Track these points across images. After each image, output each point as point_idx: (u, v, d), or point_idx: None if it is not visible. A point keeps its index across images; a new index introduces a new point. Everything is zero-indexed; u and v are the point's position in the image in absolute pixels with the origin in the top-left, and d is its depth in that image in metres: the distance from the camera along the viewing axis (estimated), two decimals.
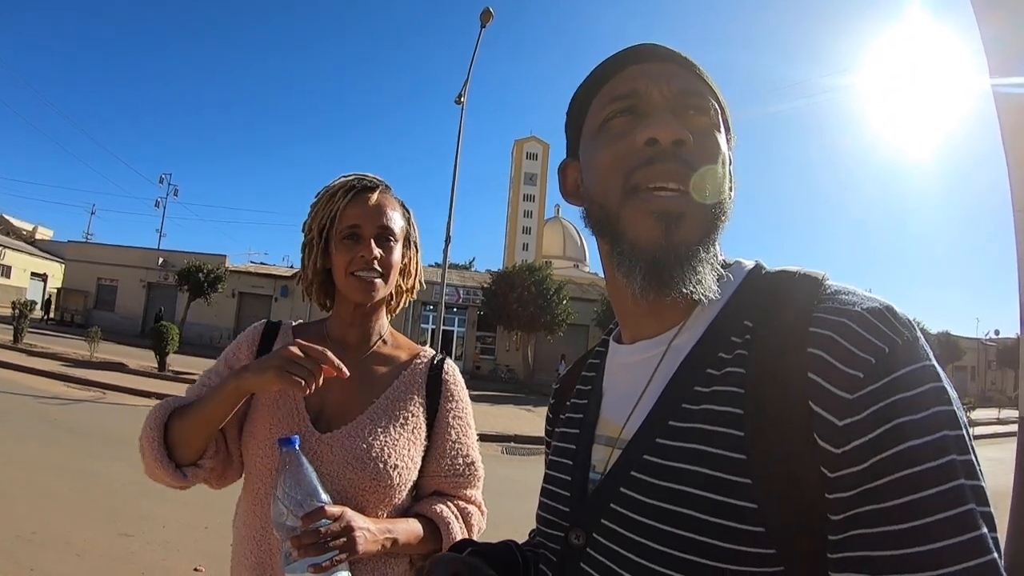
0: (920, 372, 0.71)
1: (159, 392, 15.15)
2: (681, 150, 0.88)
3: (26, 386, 13.99)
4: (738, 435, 0.78)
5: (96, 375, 16.63)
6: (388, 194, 1.73)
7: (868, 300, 0.77)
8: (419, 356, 1.79)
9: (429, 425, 1.69)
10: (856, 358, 0.72)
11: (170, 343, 19.48)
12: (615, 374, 1.04)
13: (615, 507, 0.87)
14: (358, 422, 1.60)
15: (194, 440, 1.54)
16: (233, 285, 36.67)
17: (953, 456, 0.67)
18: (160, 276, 39.15)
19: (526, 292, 32.73)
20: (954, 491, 0.66)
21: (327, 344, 1.59)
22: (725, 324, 0.89)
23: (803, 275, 0.87)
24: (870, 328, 0.73)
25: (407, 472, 1.60)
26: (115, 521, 6.10)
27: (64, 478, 7.38)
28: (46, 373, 16.25)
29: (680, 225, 0.86)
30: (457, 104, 20.28)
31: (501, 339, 39.38)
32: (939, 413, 0.69)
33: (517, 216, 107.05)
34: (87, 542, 5.48)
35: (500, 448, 13.38)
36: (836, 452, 0.71)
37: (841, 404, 0.71)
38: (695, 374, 0.87)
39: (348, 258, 1.61)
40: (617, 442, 0.94)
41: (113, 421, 11.68)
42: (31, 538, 5.36)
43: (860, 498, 0.69)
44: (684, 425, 0.84)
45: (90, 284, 40.49)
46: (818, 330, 0.76)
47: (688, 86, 0.94)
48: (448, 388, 1.75)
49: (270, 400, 1.62)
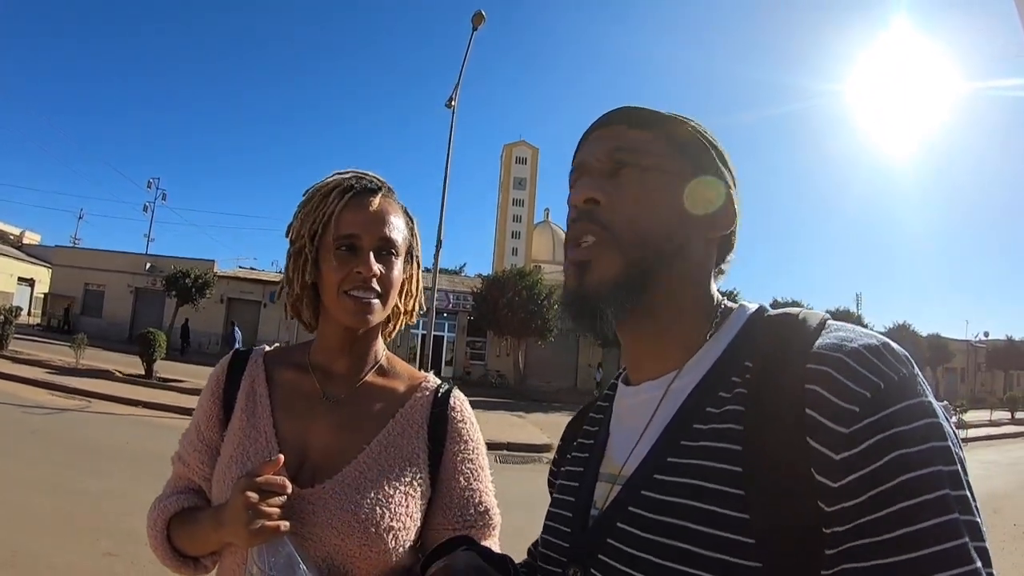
0: (915, 407, 0.73)
1: (146, 400, 15.17)
2: (595, 209, 0.97)
3: (10, 394, 13.86)
4: (736, 471, 0.79)
5: (82, 383, 16.47)
6: (391, 198, 1.47)
7: (865, 337, 0.79)
8: (420, 387, 1.50)
9: (433, 471, 1.42)
10: (852, 393, 0.73)
11: (157, 350, 19.33)
12: (621, 414, 1.06)
13: (612, 542, 0.89)
14: (345, 475, 1.34)
15: (199, 553, 1.43)
16: (221, 291, 36.48)
17: (947, 491, 0.69)
18: (148, 281, 38.86)
19: (517, 297, 32.73)
20: (948, 525, 0.67)
21: (309, 375, 1.47)
22: (726, 365, 0.91)
23: (804, 317, 0.89)
24: (866, 364, 0.75)
25: (404, 533, 1.34)
26: (99, 539, 5.95)
27: (46, 494, 7.21)
28: (31, 381, 16.07)
29: (588, 272, 0.96)
30: (448, 108, 20.21)
31: (492, 344, 39.42)
32: (935, 448, 0.71)
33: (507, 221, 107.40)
34: (70, 563, 5.34)
35: (494, 457, 13.20)
36: (833, 486, 0.72)
37: (838, 438, 0.73)
38: (695, 412, 0.89)
39: (342, 274, 1.35)
40: (618, 479, 0.95)
41: (98, 431, 11.60)
42: (12, 560, 5.22)
43: (856, 531, 0.70)
44: (682, 461, 0.85)
45: (77, 289, 40.23)
46: (815, 366, 0.78)
47: (617, 143, 1.00)
48: (456, 427, 1.46)
49: (240, 450, 1.40)
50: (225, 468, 1.38)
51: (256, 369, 1.50)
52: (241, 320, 37.08)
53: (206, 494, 1.46)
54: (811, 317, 0.88)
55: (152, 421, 13.43)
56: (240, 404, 1.45)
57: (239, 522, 1.19)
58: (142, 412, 14.38)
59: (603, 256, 0.95)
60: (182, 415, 14.18)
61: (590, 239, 0.96)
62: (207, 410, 1.49)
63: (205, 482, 1.46)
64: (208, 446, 1.47)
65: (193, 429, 1.51)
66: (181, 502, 1.45)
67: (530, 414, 23.58)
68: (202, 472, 1.46)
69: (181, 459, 1.51)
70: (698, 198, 0.98)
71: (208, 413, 1.49)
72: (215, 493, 1.40)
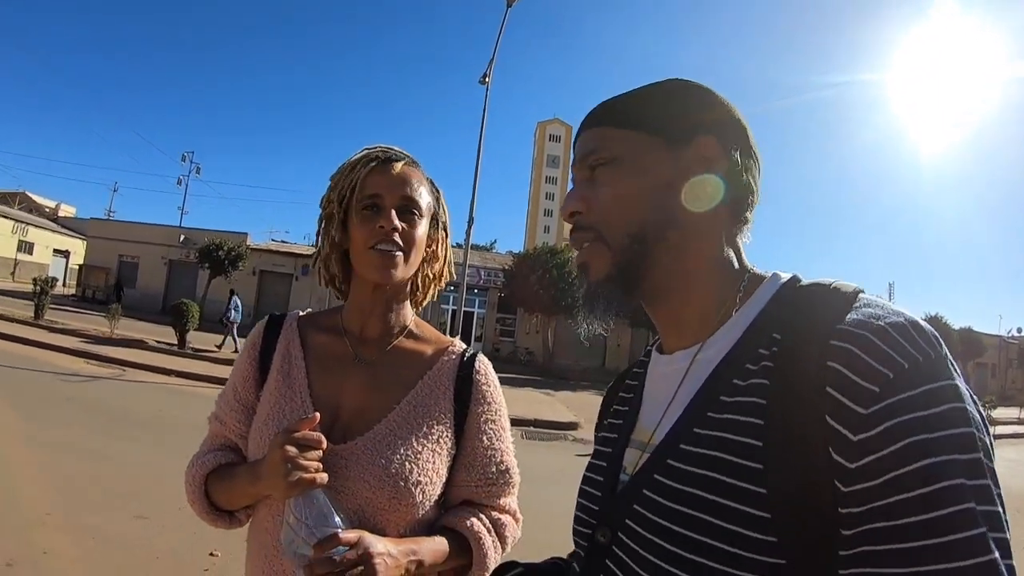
0: (939, 391, 0.71)
1: (179, 369, 15.33)
2: (580, 219, 1.02)
3: (47, 363, 14.03)
4: (756, 445, 0.79)
5: (116, 352, 16.66)
6: (415, 167, 1.55)
7: (894, 315, 0.77)
8: (447, 351, 1.58)
9: (458, 431, 1.50)
10: (874, 372, 0.72)
11: (190, 320, 19.61)
12: (653, 382, 1.08)
13: (638, 508, 0.90)
14: (376, 432, 1.42)
15: (235, 507, 1.51)
16: (254, 263, 36.69)
17: (963, 480, 0.67)
18: (181, 254, 39.36)
19: (547, 275, 32.55)
20: (964, 514, 0.65)
21: (342, 337, 1.55)
22: (753, 335, 0.91)
23: (835, 288, 0.87)
24: (891, 343, 0.74)
25: (431, 488, 1.42)
26: (130, 503, 6.02)
27: (80, 458, 7.31)
28: (66, 350, 16.30)
29: (587, 273, 1.02)
30: (482, 84, 20.13)
31: (521, 321, 39.35)
32: (953, 435, 0.69)
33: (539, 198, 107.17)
34: (102, 525, 5.40)
35: (520, 432, 13.33)
36: (850, 467, 0.72)
37: (855, 419, 0.72)
38: (721, 383, 0.89)
39: (368, 230, 1.43)
40: (647, 447, 0.96)
41: (132, 399, 11.73)
42: (45, 520, 5.29)
43: (871, 514, 0.69)
44: (707, 432, 0.86)
45: (111, 261, 40.84)
46: (839, 343, 0.76)
47: (587, 148, 1.04)
48: (480, 389, 1.54)
49: (276, 407, 1.46)
50: (262, 426, 1.45)
51: (291, 333, 1.58)
52: (273, 292, 37.54)
53: (242, 451, 1.53)
54: (842, 289, 0.86)
55: (184, 390, 13.57)
56: (276, 365, 1.52)
57: (277, 474, 1.26)
58: (175, 381, 14.53)
59: (594, 256, 1.00)
60: (214, 384, 14.35)
61: (585, 244, 1.02)
62: (244, 371, 1.57)
63: (241, 440, 1.53)
64: (244, 406, 1.54)
65: (230, 390, 1.58)
66: (218, 459, 1.52)
67: (558, 392, 23.60)
68: (238, 430, 1.53)
69: (218, 418, 1.58)
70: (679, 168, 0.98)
71: (245, 374, 1.56)
72: (251, 450, 1.47)
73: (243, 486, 1.41)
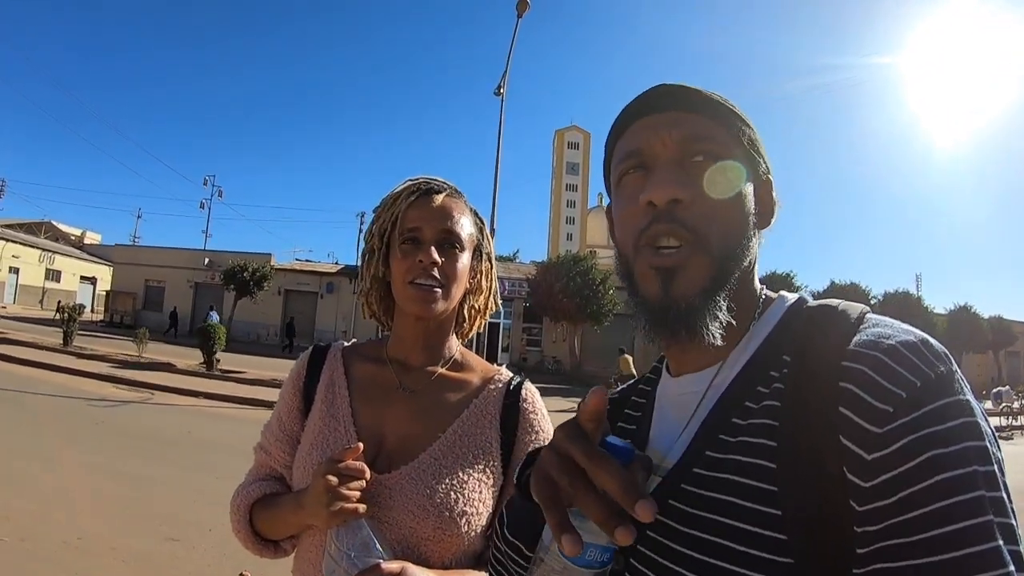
0: (952, 406, 0.71)
1: (207, 392, 15.41)
2: (678, 209, 0.90)
3: (76, 389, 14.16)
4: (770, 467, 0.78)
5: (144, 376, 16.82)
6: (457, 198, 1.53)
7: (903, 333, 0.77)
8: (493, 379, 1.55)
9: (505, 460, 1.46)
10: (887, 392, 0.72)
11: (217, 342, 19.71)
12: (664, 404, 1.04)
13: (652, 534, 0.88)
14: (421, 461, 1.39)
15: (280, 536, 1.49)
16: (279, 283, 37.07)
17: (983, 492, 0.66)
18: (207, 276, 39.86)
19: (571, 283, 32.54)
20: (982, 527, 0.65)
21: (386, 367, 1.53)
22: (764, 358, 0.90)
23: (842, 310, 0.87)
24: (902, 362, 0.73)
25: (477, 518, 1.38)
26: (161, 526, 6.03)
27: (111, 482, 7.35)
28: (95, 375, 16.44)
29: (676, 280, 0.89)
30: (496, 95, 20.12)
31: (547, 330, 39.29)
32: (969, 448, 0.69)
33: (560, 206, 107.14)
34: (133, 547, 5.42)
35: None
36: (865, 486, 0.71)
37: (870, 438, 0.71)
38: (734, 407, 0.88)
39: (407, 264, 1.43)
40: (659, 470, 0.94)
41: (161, 422, 11.81)
42: (77, 544, 5.31)
43: (887, 532, 0.69)
44: (721, 456, 0.85)
45: (138, 286, 41.37)
46: (850, 364, 0.76)
47: (691, 132, 0.94)
48: (527, 418, 1.51)
49: (320, 437, 1.46)
50: (306, 456, 1.45)
51: (335, 363, 1.57)
52: (298, 311, 37.90)
53: (287, 481, 1.52)
54: (850, 310, 0.86)
55: (213, 411, 13.65)
56: (320, 395, 1.52)
57: (320, 503, 1.24)
58: (203, 403, 14.61)
59: (691, 262, 0.89)
60: (242, 405, 14.50)
61: (674, 243, 0.90)
62: (288, 402, 1.57)
63: (286, 470, 1.52)
64: (289, 436, 1.53)
65: (275, 420, 1.58)
66: (263, 488, 1.51)
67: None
68: (283, 460, 1.53)
69: (263, 448, 1.58)
70: (762, 196, 0.97)
71: (289, 405, 1.56)
72: (296, 480, 1.46)
73: (286, 515, 1.40)
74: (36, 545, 5.19)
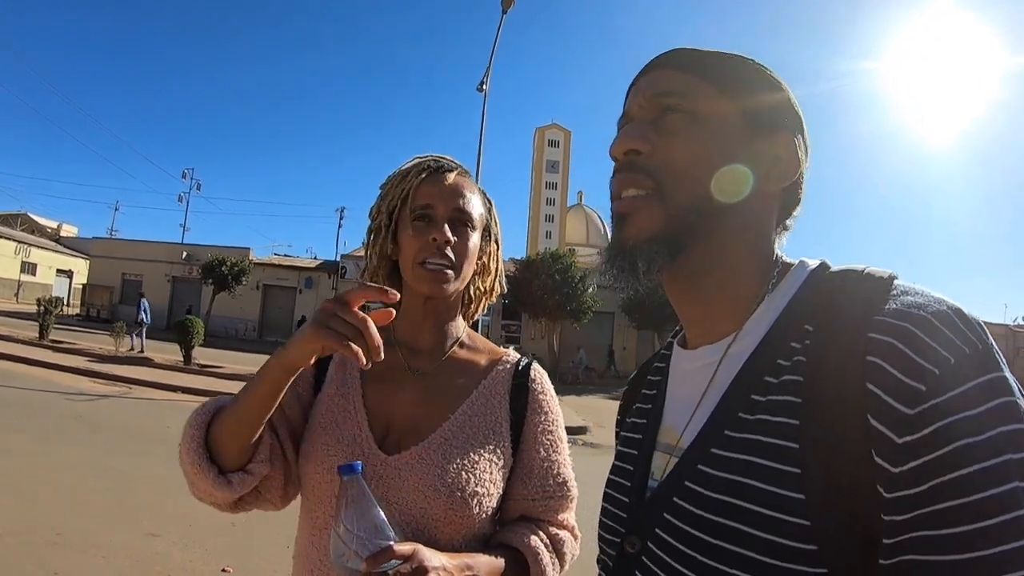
0: (986, 385, 0.67)
1: (185, 386, 15.29)
2: (638, 159, 0.91)
3: (53, 383, 14.03)
4: (793, 447, 0.75)
5: (122, 370, 16.68)
6: (467, 177, 1.52)
7: (936, 303, 0.73)
8: (501, 361, 1.54)
9: (514, 441, 1.45)
10: (918, 368, 0.68)
11: (195, 336, 19.56)
12: (677, 380, 1.02)
13: (668, 517, 0.86)
14: (431, 441, 1.37)
15: (237, 436, 1.28)
16: (257, 277, 36.85)
17: (1017, 483, 0.63)
18: (184, 270, 39.60)
19: (551, 280, 32.60)
20: (1014, 523, 0.62)
21: (394, 348, 1.46)
22: (784, 328, 0.86)
23: (868, 274, 0.83)
24: (935, 335, 0.69)
25: (488, 499, 1.36)
26: (141, 520, 6.02)
27: (90, 476, 7.33)
28: (72, 369, 16.28)
29: (626, 225, 0.91)
30: (479, 92, 20.12)
31: (526, 327, 39.42)
32: (1005, 433, 0.65)
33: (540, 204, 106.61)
34: (113, 543, 5.41)
35: None
36: (893, 471, 0.67)
37: (900, 419, 0.67)
38: (752, 382, 0.85)
39: (419, 243, 1.40)
40: (675, 450, 0.92)
41: (139, 416, 11.74)
42: (56, 540, 5.30)
43: (914, 522, 0.65)
44: (739, 435, 0.82)
45: (115, 280, 41.00)
46: (878, 336, 0.72)
47: (662, 88, 0.94)
48: (536, 398, 1.50)
49: (329, 417, 1.42)
50: (316, 437, 1.41)
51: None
52: (277, 306, 37.69)
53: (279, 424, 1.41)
54: (876, 275, 0.81)
55: (191, 406, 13.10)
56: (331, 373, 1.50)
57: (309, 325, 1.14)
58: (181, 397, 14.46)
59: (644, 209, 0.90)
60: None
61: (631, 191, 0.91)
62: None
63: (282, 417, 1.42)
64: (297, 392, 1.48)
65: None
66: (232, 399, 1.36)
67: (565, 396, 23.50)
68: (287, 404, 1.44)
69: None
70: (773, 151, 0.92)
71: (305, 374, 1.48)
72: (303, 453, 1.41)
73: (259, 376, 1.24)
74: (16, 541, 5.18)
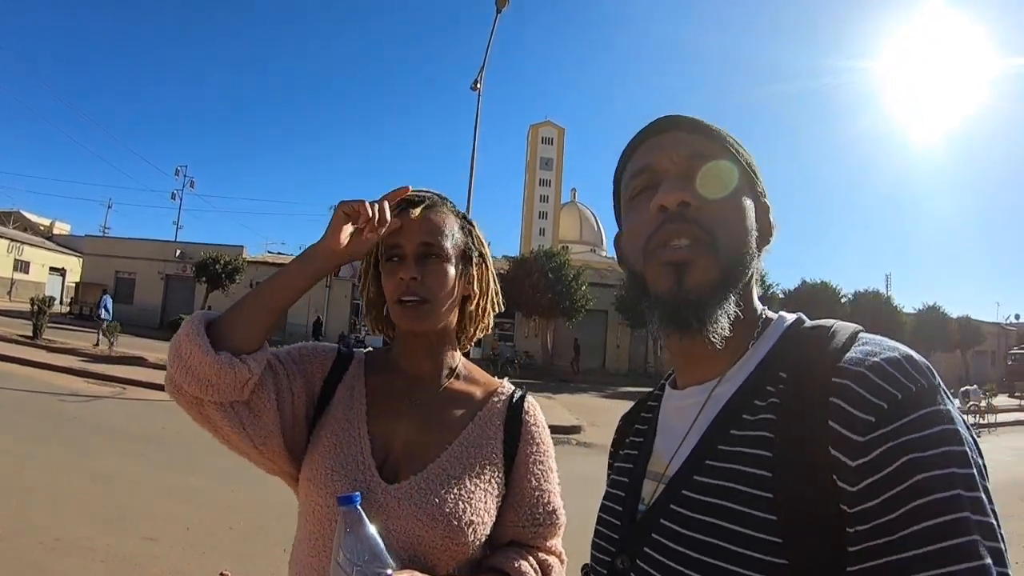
0: (931, 415, 0.77)
1: None
2: (688, 211, 0.97)
3: (46, 383, 14.00)
4: (766, 475, 0.85)
5: (116, 370, 16.63)
6: (438, 207, 1.53)
7: (889, 350, 0.84)
8: (496, 392, 1.60)
9: (507, 471, 1.51)
10: (870, 404, 0.78)
11: None
12: (668, 415, 1.13)
13: (657, 537, 0.95)
14: (429, 472, 1.41)
15: (250, 318, 1.38)
16: (251, 276, 36.63)
17: (960, 491, 0.72)
18: (178, 268, 39.41)
19: (544, 278, 32.63)
20: (959, 522, 0.71)
21: (397, 379, 1.55)
22: (762, 374, 0.96)
23: (835, 330, 0.93)
24: (886, 376, 0.80)
25: (483, 528, 1.41)
26: (138, 524, 6.03)
27: (85, 480, 7.31)
28: (65, 369, 16.24)
29: (689, 273, 0.96)
30: (473, 90, 20.13)
31: (520, 325, 39.46)
32: (949, 452, 0.75)
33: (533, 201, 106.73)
34: (111, 547, 5.41)
35: None
36: (852, 490, 0.77)
37: (853, 446, 0.78)
38: (732, 418, 0.95)
39: (392, 283, 1.46)
40: (663, 477, 1.02)
41: (134, 417, 11.70)
42: (55, 545, 5.30)
43: (875, 531, 0.74)
44: (719, 464, 0.92)
45: (108, 277, 40.69)
46: (839, 380, 0.83)
47: (696, 149, 1.02)
48: (529, 430, 1.56)
49: (334, 439, 1.44)
50: (320, 457, 1.42)
51: (358, 369, 1.58)
52: None
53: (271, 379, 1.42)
54: (843, 330, 0.92)
55: None
56: (339, 396, 1.52)
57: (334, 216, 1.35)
58: None
59: (702, 258, 0.96)
60: None
61: (684, 241, 0.97)
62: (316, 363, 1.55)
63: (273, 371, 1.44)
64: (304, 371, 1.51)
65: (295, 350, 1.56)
66: None
67: (558, 395, 23.56)
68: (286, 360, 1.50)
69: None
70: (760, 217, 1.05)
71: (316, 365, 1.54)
72: (303, 477, 1.43)
73: (286, 269, 1.41)
74: (11, 546, 5.19)
